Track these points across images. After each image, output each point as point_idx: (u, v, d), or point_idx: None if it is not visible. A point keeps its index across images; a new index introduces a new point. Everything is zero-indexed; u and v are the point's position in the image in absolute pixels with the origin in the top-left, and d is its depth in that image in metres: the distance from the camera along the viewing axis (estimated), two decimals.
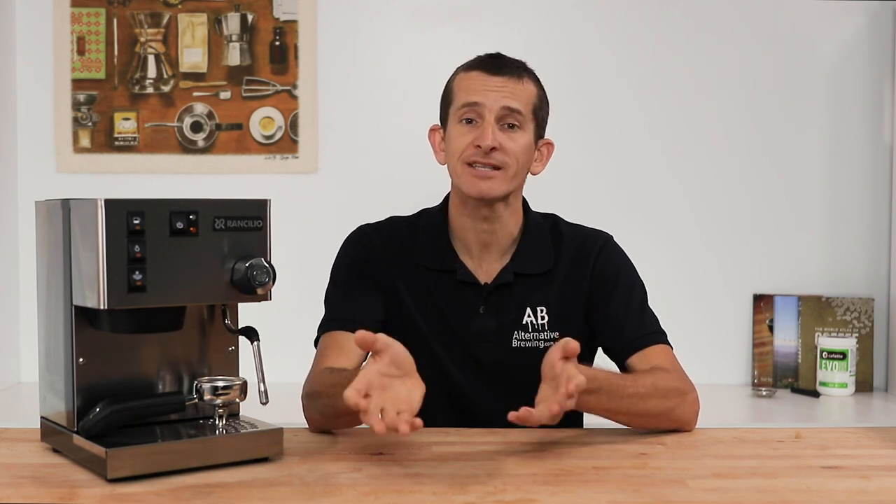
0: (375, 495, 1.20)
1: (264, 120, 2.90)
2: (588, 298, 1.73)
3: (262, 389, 1.37)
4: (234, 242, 1.34)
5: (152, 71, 2.89)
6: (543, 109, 1.72)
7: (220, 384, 1.37)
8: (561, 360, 1.36)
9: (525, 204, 1.77)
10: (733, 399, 2.78)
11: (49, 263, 1.38)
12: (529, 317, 1.71)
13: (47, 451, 1.41)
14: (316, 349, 1.70)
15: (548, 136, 1.75)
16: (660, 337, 1.69)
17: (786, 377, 2.91)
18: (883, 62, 2.91)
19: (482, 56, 1.72)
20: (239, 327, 1.42)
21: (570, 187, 2.87)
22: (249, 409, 1.44)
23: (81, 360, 1.33)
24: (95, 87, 2.89)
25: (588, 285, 1.72)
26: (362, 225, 1.79)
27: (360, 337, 1.32)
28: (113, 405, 1.30)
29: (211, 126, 2.90)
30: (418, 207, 1.83)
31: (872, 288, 2.93)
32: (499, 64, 1.68)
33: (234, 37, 2.90)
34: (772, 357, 2.92)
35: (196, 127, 2.90)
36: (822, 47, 2.94)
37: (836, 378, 2.78)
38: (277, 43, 2.90)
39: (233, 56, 2.90)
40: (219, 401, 1.36)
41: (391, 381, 1.31)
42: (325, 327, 1.70)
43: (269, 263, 1.35)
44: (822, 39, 2.94)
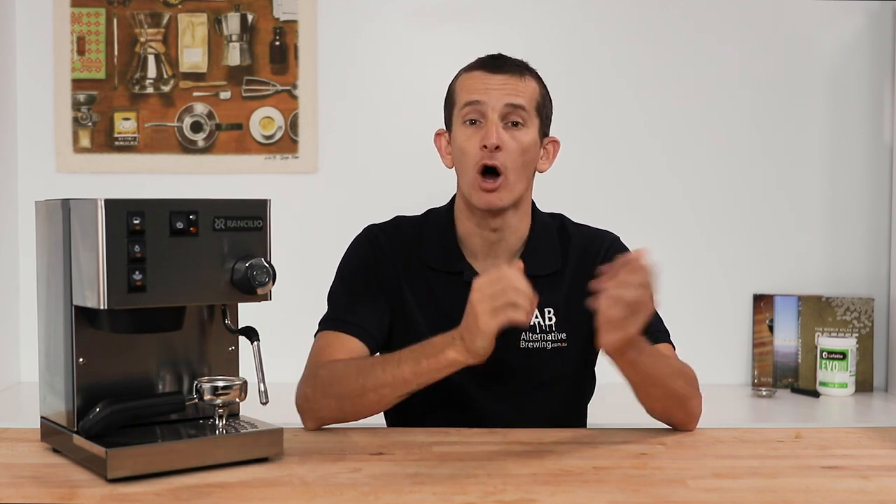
0: (375, 495, 1.21)
1: (264, 120, 2.90)
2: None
3: (262, 389, 1.37)
4: (234, 242, 1.34)
5: (152, 71, 2.89)
6: (547, 107, 1.72)
7: (220, 384, 1.37)
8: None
9: (533, 205, 1.77)
10: (733, 399, 2.78)
11: (49, 263, 1.38)
12: (537, 318, 1.70)
13: (47, 451, 1.41)
14: (314, 340, 1.69)
15: (553, 135, 1.75)
16: (664, 336, 1.70)
17: (786, 377, 2.90)
18: (883, 62, 2.91)
19: (483, 57, 1.72)
20: (239, 327, 1.42)
21: (570, 187, 2.87)
22: (249, 409, 1.44)
23: (81, 360, 1.33)
24: (95, 87, 2.89)
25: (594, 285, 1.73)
26: (370, 225, 1.79)
27: None
28: (113, 405, 1.30)
29: (211, 126, 2.90)
30: (418, 207, 1.83)
31: (872, 288, 2.93)
32: (500, 63, 1.69)
33: (234, 37, 2.90)
34: (772, 357, 2.92)
35: (196, 127, 2.90)
36: (822, 47, 2.94)
37: (836, 378, 2.78)
38: (277, 43, 2.90)
39: (233, 56, 2.90)
40: (219, 401, 1.36)
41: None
42: (329, 325, 1.69)
43: (269, 263, 1.35)
44: (822, 39, 2.94)
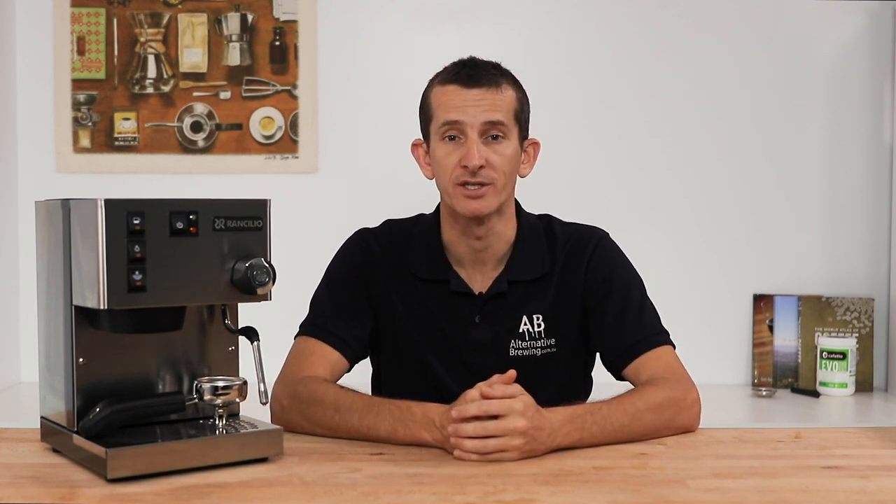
0: (375, 495, 1.20)
1: (264, 120, 2.90)
2: (583, 303, 1.70)
3: (262, 389, 1.37)
4: (234, 242, 1.34)
5: (152, 71, 2.89)
6: (525, 111, 1.67)
7: (220, 384, 1.37)
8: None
9: (518, 207, 1.74)
10: (733, 399, 2.78)
11: (49, 263, 1.38)
12: (526, 325, 1.69)
13: (47, 451, 1.41)
14: (293, 343, 1.68)
15: (533, 136, 1.72)
16: (659, 338, 1.67)
17: (786, 377, 2.90)
18: (883, 62, 2.91)
19: (455, 66, 1.65)
20: (239, 327, 1.42)
21: (571, 187, 2.88)
22: (249, 409, 1.44)
23: (81, 360, 1.33)
24: (95, 87, 2.89)
25: (582, 289, 1.70)
26: (361, 229, 1.77)
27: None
28: (113, 405, 1.31)
29: (211, 126, 2.90)
30: (418, 208, 1.82)
31: (872, 288, 2.93)
32: (475, 75, 1.62)
33: (234, 37, 2.90)
34: (772, 357, 2.92)
35: (196, 127, 2.90)
36: (822, 47, 2.94)
37: (836, 378, 2.78)
38: (277, 43, 2.90)
39: (233, 56, 2.90)
40: (219, 401, 1.36)
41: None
42: (309, 331, 1.68)
43: (269, 263, 1.35)
44: (822, 39, 2.94)
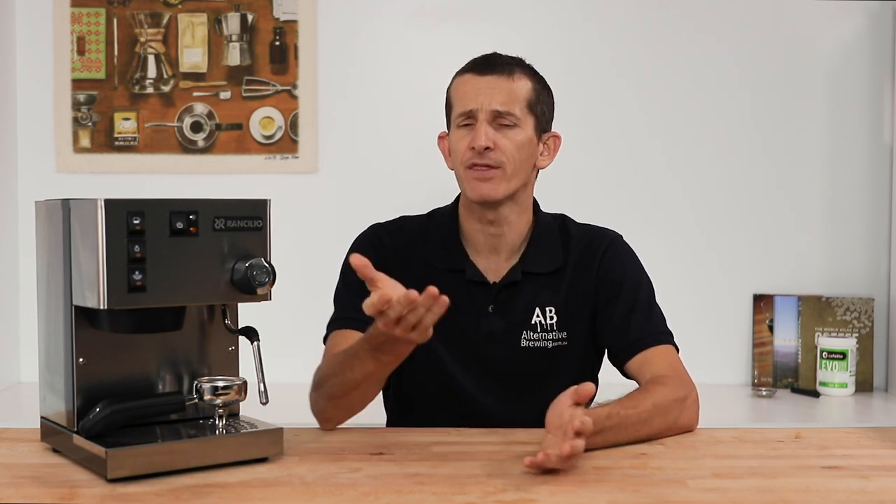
0: (375, 495, 1.20)
1: (264, 120, 2.90)
2: (594, 299, 1.72)
3: (262, 389, 1.37)
4: (234, 242, 1.34)
5: (152, 71, 2.89)
6: (543, 102, 1.70)
7: (220, 384, 1.37)
8: (570, 407, 1.33)
9: (536, 204, 1.77)
10: (733, 399, 2.78)
11: (49, 263, 1.38)
12: (538, 317, 1.71)
13: (47, 451, 1.41)
14: (325, 345, 1.70)
15: (555, 129, 1.74)
16: (663, 338, 1.69)
17: (786, 377, 2.90)
18: (883, 62, 2.91)
19: (477, 57, 1.71)
20: (239, 327, 1.42)
21: (570, 187, 2.87)
22: (249, 409, 1.44)
23: (81, 360, 1.33)
24: (95, 87, 2.89)
25: (594, 286, 1.72)
26: (374, 224, 1.79)
27: (356, 258, 1.33)
28: (113, 405, 1.30)
29: (211, 126, 2.90)
30: (418, 207, 1.83)
31: (872, 288, 2.93)
32: (491, 63, 1.67)
33: (234, 37, 2.90)
34: (772, 357, 2.92)
35: (196, 127, 2.90)
36: (822, 47, 2.94)
37: (836, 378, 2.78)
38: (277, 43, 2.90)
39: (233, 56, 2.90)
40: (219, 401, 1.36)
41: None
42: (335, 325, 1.70)
43: (269, 263, 1.35)
44: (822, 39, 2.94)
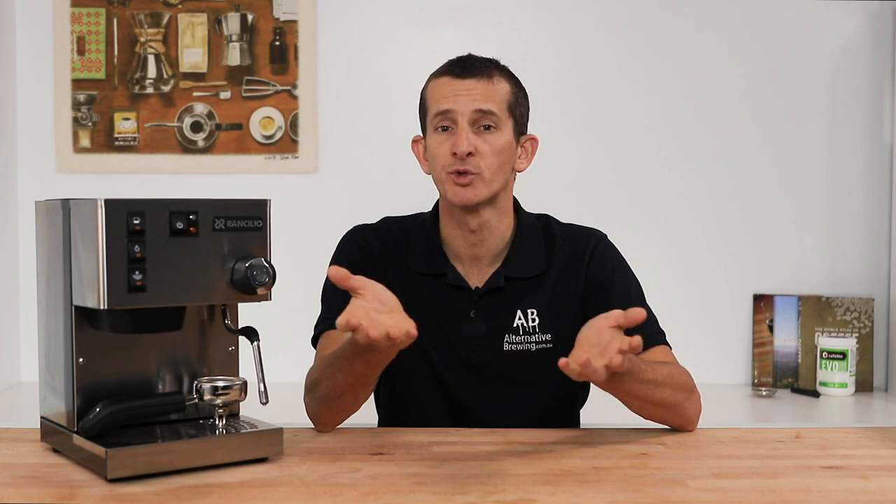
0: (375, 495, 1.21)
1: (264, 120, 2.90)
2: (584, 300, 1.71)
3: (262, 389, 1.37)
4: (234, 242, 1.34)
5: (152, 71, 2.89)
6: (521, 105, 1.69)
7: (220, 384, 1.37)
8: (610, 329, 1.33)
9: (517, 205, 1.75)
10: (733, 399, 2.78)
11: (49, 263, 1.38)
12: (520, 319, 1.70)
13: (47, 451, 1.41)
14: (315, 348, 1.70)
15: (532, 132, 1.73)
16: (658, 338, 1.68)
17: (786, 377, 2.90)
18: (883, 62, 2.91)
19: (451, 60, 1.69)
20: (239, 327, 1.42)
21: (570, 187, 2.88)
22: (249, 409, 1.44)
23: (81, 360, 1.33)
24: (95, 87, 2.89)
25: (583, 287, 1.71)
26: (358, 225, 1.79)
27: (334, 270, 1.31)
28: (113, 405, 1.30)
29: (211, 126, 2.90)
30: (418, 207, 1.83)
31: (872, 288, 2.93)
32: (468, 66, 1.65)
33: (234, 37, 2.90)
34: (772, 357, 2.92)
35: (196, 127, 2.90)
36: (822, 47, 2.94)
37: (836, 378, 2.78)
38: (277, 43, 2.90)
39: (233, 56, 2.90)
40: (219, 401, 1.36)
41: (379, 315, 1.31)
42: (322, 326, 1.70)
43: (269, 263, 1.35)
44: (822, 39, 2.94)
